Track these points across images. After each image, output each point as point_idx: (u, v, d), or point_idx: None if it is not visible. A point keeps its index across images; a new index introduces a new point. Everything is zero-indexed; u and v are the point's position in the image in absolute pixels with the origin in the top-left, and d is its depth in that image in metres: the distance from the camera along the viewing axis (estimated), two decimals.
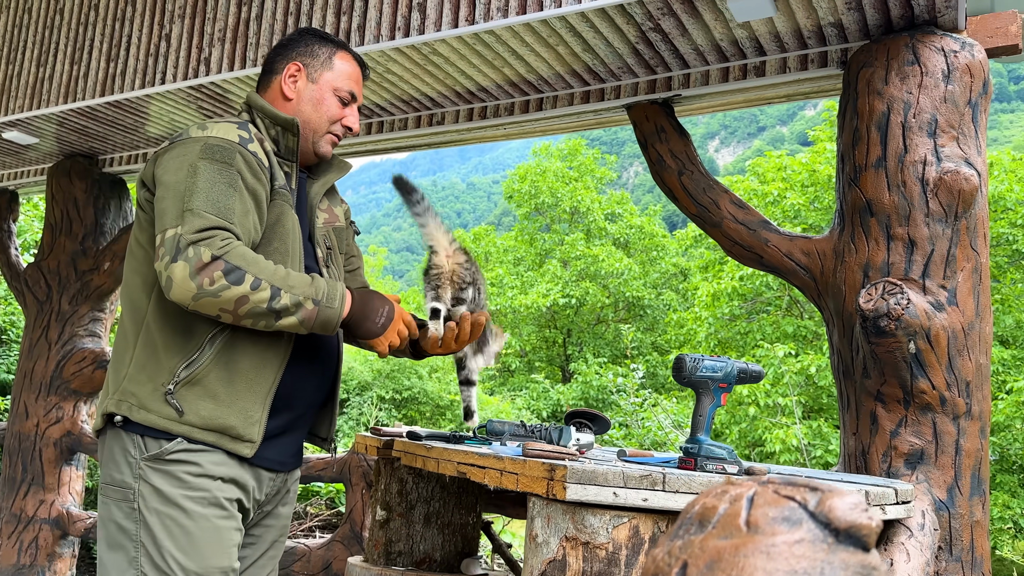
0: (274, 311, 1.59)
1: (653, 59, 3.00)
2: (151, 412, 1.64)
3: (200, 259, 1.54)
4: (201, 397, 1.65)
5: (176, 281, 1.53)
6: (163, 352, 1.67)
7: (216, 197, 1.61)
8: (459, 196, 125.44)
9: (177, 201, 1.60)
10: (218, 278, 1.54)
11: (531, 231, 23.23)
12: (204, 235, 1.56)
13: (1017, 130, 65.36)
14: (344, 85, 1.91)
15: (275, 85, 1.90)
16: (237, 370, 1.68)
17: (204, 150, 1.66)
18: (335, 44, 1.94)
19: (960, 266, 2.40)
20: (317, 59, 1.90)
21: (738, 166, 61.26)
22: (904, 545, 1.79)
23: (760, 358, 14.42)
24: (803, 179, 16.46)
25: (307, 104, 1.88)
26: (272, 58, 1.93)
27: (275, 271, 1.61)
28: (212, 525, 1.66)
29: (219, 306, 1.55)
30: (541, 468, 1.55)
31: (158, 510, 1.63)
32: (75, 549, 4.50)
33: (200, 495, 1.65)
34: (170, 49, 3.51)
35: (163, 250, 1.56)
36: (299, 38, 1.93)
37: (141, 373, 1.67)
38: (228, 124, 1.74)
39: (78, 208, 4.57)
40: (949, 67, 2.48)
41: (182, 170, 1.64)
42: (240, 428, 1.68)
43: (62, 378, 4.44)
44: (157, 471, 1.64)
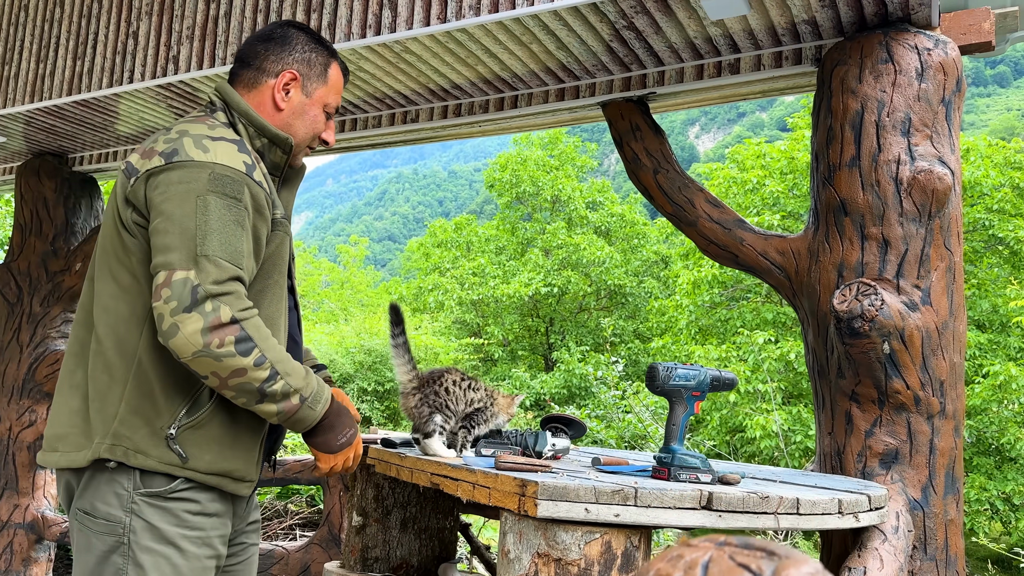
0: (262, 393, 1.53)
1: (627, 57, 2.98)
2: (150, 457, 1.57)
3: (218, 318, 1.47)
4: (205, 441, 1.60)
5: (185, 333, 1.46)
6: (161, 394, 1.58)
7: (228, 239, 1.53)
8: (440, 184, 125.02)
9: (187, 240, 1.50)
10: (228, 343, 1.47)
11: (513, 220, 23.18)
12: (223, 288, 1.49)
13: (993, 114, 65.98)
14: (333, 100, 1.84)
15: (265, 90, 1.76)
16: (239, 412, 1.64)
17: (213, 182, 1.55)
18: (328, 52, 1.85)
19: (934, 265, 2.40)
20: (313, 70, 1.79)
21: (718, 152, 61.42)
22: (878, 551, 1.79)
23: (740, 345, 14.49)
24: (782, 167, 16.52)
25: (297, 118, 1.79)
26: (260, 53, 1.78)
27: (280, 353, 1.55)
28: (201, 565, 1.63)
29: (213, 369, 1.49)
30: (513, 483, 1.53)
31: (151, 548, 1.57)
32: (51, 553, 4.45)
33: (196, 535, 1.62)
34: (138, 47, 3.44)
35: (169, 293, 1.47)
36: (294, 39, 1.80)
37: (135, 416, 1.57)
38: (229, 145, 1.62)
39: (48, 208, 4.49)
40: (923, 65, 2.48)
41: (188, 202, 1.53)
42: (243, 470, 1.66)
43: (35, 381, 4.37)
44: (154, 507, 1.58)
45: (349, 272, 27.05)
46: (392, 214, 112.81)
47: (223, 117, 1.73)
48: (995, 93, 77.00)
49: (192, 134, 1.62)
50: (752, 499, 1.51)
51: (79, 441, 1.60)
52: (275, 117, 1.77)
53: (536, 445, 2.20)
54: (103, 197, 4.81)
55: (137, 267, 1.59)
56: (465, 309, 20.74)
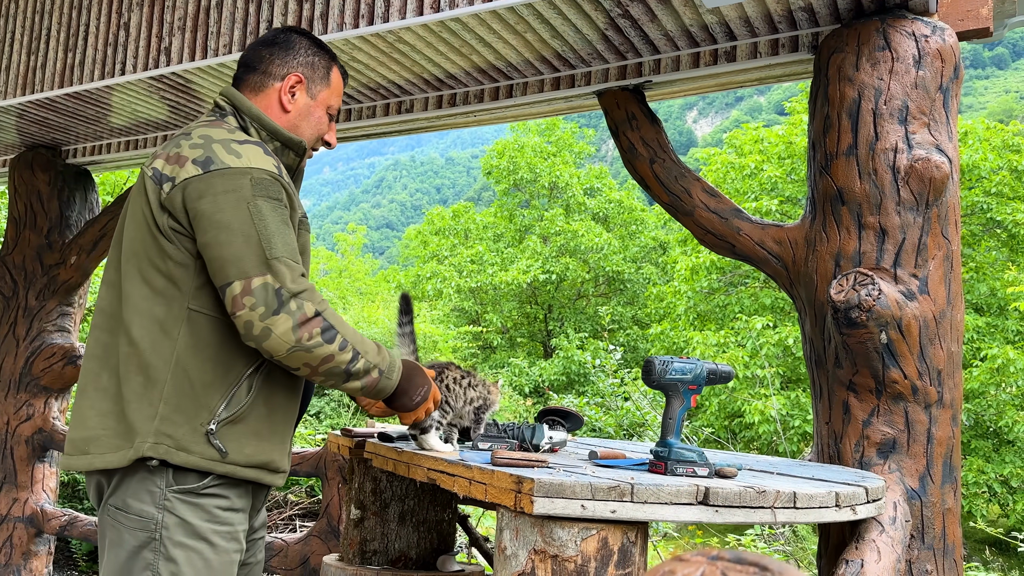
0: (348, 373, 1.64)
1: (623, 45, 2.95)
2: (192, 454, 1.61)
3: (304, 313, 1.56)
4: (245, 435, 1.66)
5: (277, 333, 1.54)
6: (201, 390, 1.63)
7: (285, 239, 1.61)
8: (438, 171, 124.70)
9: (254, 247, 1.57)
10: (315, 334, 1.57)
11: (510, 207, 23.15)
12: (301, 286, 1.58)
13: (992, 96, 65.81)
14: (336, 102, 1.91)
15: (271, 93, 1.83)
16: (275, 404, 1.71)
17: (256, 187, 1.62)
18: (330, 56, 1.92)
19: (931, 254, 2.39)
20: (316, 73, 1.87)
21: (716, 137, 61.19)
22: (876, 542, 1.79)
23: (738, 330, 14.51)
24: (780, 151, 16.48)
25: (303, 119, 1.86)
26: (265, 58, 1.84)
27: (355, 334, 1.66)
28: (230, 559, 1.68)
29: (305, 360, 1.58)
30: (509, 480, 1.52)
31: (183, 543, 1.62)
32: (51, 546, 4.46)
33: (226, 529, 1.67)
34: (129, 39, 3.41)
35: (253, 300, 1.54)
36: (297, 44, 1.87)
37: (177, 414, 1.61)
38: (256, 148, 1.68)
39: (42, 201, 4.47)
40: (920, 52, 2.46)
41: (241, 210, 1.59)
42: (278, 461, 1.73)
43: (32, 375, 4.37)
44: (187, 503, 1.63)
45: (347, 260, 27.01)
46: (390, 202, 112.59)
47: (234, 121, 1.77)
48: (993, 75, 76.79)
49: (218, 139, 1.67)
50: (749, 493, 1.51)
51: (115, 443, 1.62)
52: (282, 119, 1.83)
53: (533, 438, 2.20)
54: (97, 190, 4.78)
55: (174, 270, 1.64)
56: (463, 297, 20.74)
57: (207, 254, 1.60)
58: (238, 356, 1.66)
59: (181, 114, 3.93)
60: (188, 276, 1.64)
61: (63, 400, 4.51)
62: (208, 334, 1.65)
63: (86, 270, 4.43)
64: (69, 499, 5.43)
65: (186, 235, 1.63)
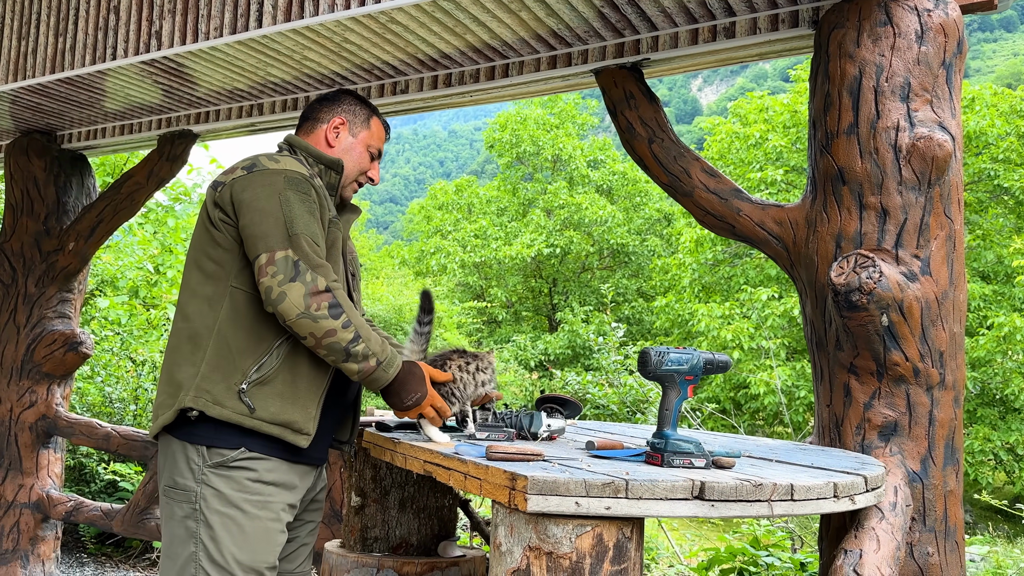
0: (347, 352, 1.87)
1: (620, 22, 2.90)
2: (226, 408, 1.87)
3: (316, 285, 1.83)
4: (270, 396, 1.91)
5: (291, 298, 1.81)
6: (237, 355, 1.90)
7: (307, 223, 1.91)
8: (441, 144, 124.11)
9: (280, 226, 1.87)
10: (323, 307, 1.83)
11: (514, 180, 23.02)
12: (317, 261, 1.87)
13: (1000, 60, 65.00)
14: (376, 143, 2.25)
15: (319, 132, 2.20)
16: (299, 373, 1.95)
17: (288, 182, 1.95)
18: (371, 108, 2.28)
19: (934, 234, 2.35)
20: (358, 118, 2.23)
21: (721, 105, 60.65)
22: (875, 530, 1.78)
23: (744, 302, 14.47)
24: (785, 120, 16.32)
25: (346, 154, 2.20)
26: (317, 108, 2.23)
27: (362, 323, 1.91)
28: (264, 526, 1.93)
29: (311, 330, 1.84)
30: (503, 476, 1.51)
31: (219, 511, 1.88)
32: (58, 531, 4.49)
33: (256, 498, 1.92)
34: (119, 22, 3.36)
35: (275, 268, 1.83)
36: (343, 97, 2.25)
37: (215, 372, 1.89)
38: (294, 160, 2.06)
39: (38, 187, 4.44)
40: (923, 27, 2.40)
41: (273, 198, 1.91)
42: (301, 422, 1.94)
43: (33, 361, 4.37)
44: (220, 476, 1.90)
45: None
46: (393, 175, 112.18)
47: (288, 153, 2.16)
48: (1001, 38, 75.78)
49: (263, 155, 2.06)
50: (745, 487, 1.49)
51: (168, 402, 1.93)
52: (328, 151, 2.19)
53: (531, 427, 2.19)
54: (94, 174, 4.75)
55: (223, 255, 1.95)
56: (468, 272, 20.71)
57: (244, 234, 1.91)
58: (270, 328, 1.92)
59: (175, 98, 3.89)
60: (232, 259, 1.95)
61: (66, 386, 4.52)
62: (245, 308, 1.93)
63: (85, 256, 4.41)
64: (76, 482, 5.46)
65: (231, 224, 1.94)
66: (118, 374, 6.21)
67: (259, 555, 1.92)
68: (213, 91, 3.78)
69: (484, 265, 20.66)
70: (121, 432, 4.21)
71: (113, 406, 5.90)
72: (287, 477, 1.98)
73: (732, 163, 17.23)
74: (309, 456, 2.05)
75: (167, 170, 4.20)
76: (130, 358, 6.29)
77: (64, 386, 4.49)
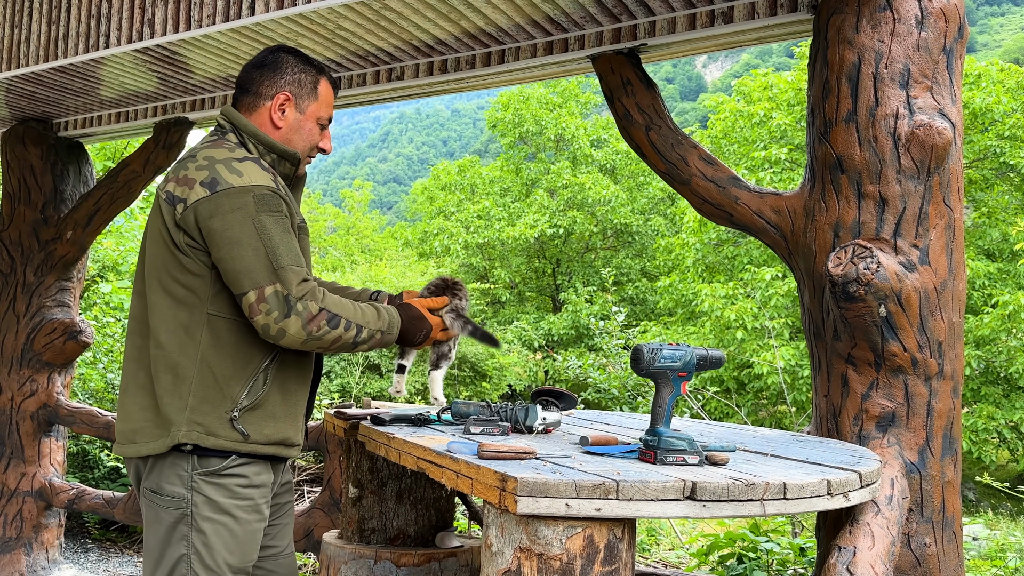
0: (355, 344, 1.94)
1: (616, 7, 2.86)
2: (220, 438, 1.88)
3: (309, 312, 1.84)
4: (263, 419, 1.93)
5: (291, 333, 1.82)
6: (223, 383, 1.88)
7: (290, 247, 1.86)
8: (444, 124, 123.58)
9: (262, 259, 1.82)
10: (323, 326, 1.85)
11: (516, 161, 22.90)
12: (304, 289, 1.85)
13: (1007, 34, 64.33)
14: (325, 113, 2.09)
15: (263, 112, 2.02)
16: (288, 390, 1.98)
17: (259, 203, 1.85)
18: (317, 69, 2.08)
19: (933, 223, 2.33)
20: (304, 88, 2.04)
21: (726, 82, 60.20)
22: (870, 526, 1.77)
23: (747, 281, 14.43)
24: (789, 98, 16.18)
25: (295, 132, 2.05)
26: (256, 79, 2.03)
27: (354, 310, 1.93)
28: (253, 528, 1.95)
29: (318, 347, 1.89)
30: (494, 476, 1.50)
31: (211, 518, 1.88)
32: (61, 519, 4.52)
33: (247, 504, 1.94)
34: (112, 10, 3.33)
35: (267, 306, 1.81)
36: (284, 64, 2.03)
37: (204, 404, 1.87)
38: (253, 164, 1.91)
39: (35, 175, 4.43)
40: (923, 12, 2.36)
41: (247, 226, 1.83)
42: (293, 437, 2.00)
43: (33, 351, 4.37)
44: (212, 484, 1.89)
45: (354, 217, 26.93)
46: (396, 155, 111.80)
47: (234, 138, 1.99)
48: (1009, 12, 74.93)
49: (220, 159, 1.89)
50: (737, 487, 1.48)
51: (154, 432, 1.89)
52: (275, 134, 2.02)
53: (527, 420, 2.18)
54: (91, 162, 4.73)
55: (194, 281, 1.88)
56: (471, 252, 20.67)
57: (222, 267, 1.85)
58: (254, 352, 1.91)
59: (170, 85, 3.86)
60: (205, 285, 1.88)
61: (66, 375, 4.53)
62: (227, 334, 1.89)
63: (83, 244, 4.41)
64: (79, 469, 5.49)
65: (201, 249, 1.86)
66: (120, 360, 6.23)
67: (247, 556, 1.96)
68: (208, 78, 3.75)
69: (487, 246, 20.62)
70: None
71: (115, 392, 5.91)
72: (268, 477, 2.01)
73: (736, 142, 17.12)
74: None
75: (163, 158, 4.18)
76: None
77: (65, 374, 4.50)
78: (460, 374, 15.10)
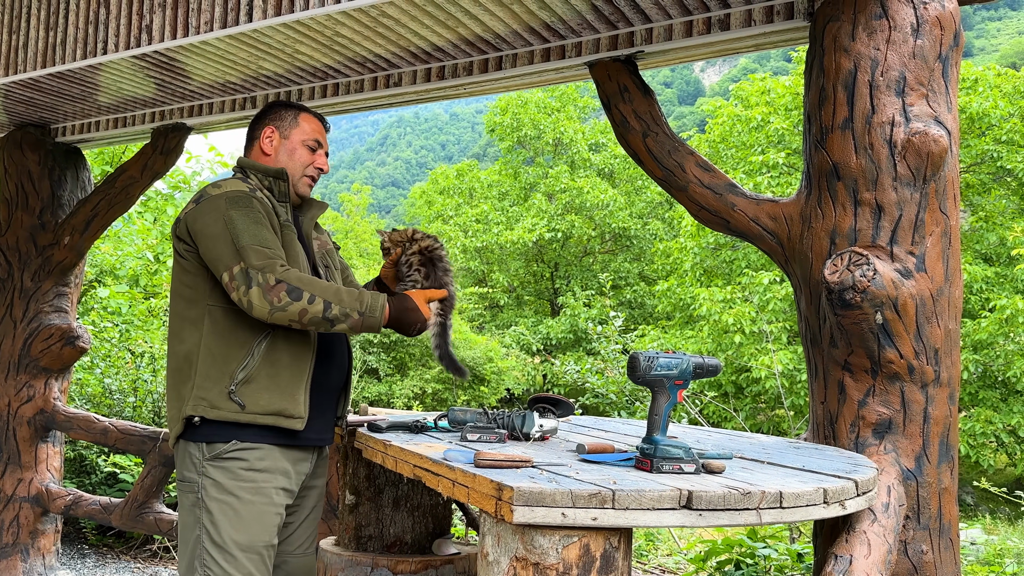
0: (327, 319, 2.06)
1: (613, 15, 2.86)
2: (221, 409, 2.09)
3: (268, 283, 2.02)
4: (258, 391, 2.11)
5: (255, 303, 2.01)
6: (222, 362, 2.11)
7: (253, 232, 2.09)
8: (442, 127, 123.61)
9: (229, 244, 2.06)
10: (283, 297, 2.01)
11: (515, 165, 22.92)
12: (263, 263, 2.04)
13: (1004, 39, 64.43)
14: (311, 136, 2.36)
15: (256, 147, 2.36)
16: (280, 365, 2.14)
17: (229, 201, 2.13)
18: (298, 108, 2.40)
19: (929, 231, 2.33)
20: (285, 120, 2.36)
21: (724, 86, 60.19)
22: (866, 534, 1.77)
23: (745, 285, 14.43)
24: (787, 103, 16.21)
25: (284, 156, 2.34)
26: (251, 127, 2.40)
27: (327, 287, 2.08)
28: (258, 509, 2.12)
29: (288, 319, 2.04)
30: (490, 485, 1.50)
31: (217, 498, 2.10)
32: (58, 525, 4.51)
33: (249, 485, 2.11)
34: (110, 16, 3.33)
35: (236, 283, 2.03)
36: (269, 109, 2.39)
37: (207, 381, 2.11)
38: (235, 180, 2.23)
39: (33, 181, 4.42)
40: (918, 20, 2.37)
41: (219, 222, 2.10)
42: (291, 408, 2.14)
43: (30, 356, 4.37)
44: (217, 467, 2.11)
45: (352, 221, 26.91)
46: (395, 159, 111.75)
47: (239, 174, 2.33)
48: (1006, 16, 75.07)
49: (211, 184, 2.24)
50: (733, 496, 1.48)
51: (176, 416, 2.17)
52: (267, 161, 2.35)
53: (523, 427, 2.18)
54: (89, 167, 4.73)
55: (194, 280, 2.17)
56: (470, 257, 20.67)
57: (206, 259, 2.12)
58: (248, 333, 2.13)
59: (168, 91, 3.86)
60: (203, 282, 2.16)
61: (63, 380, 4.52)
62: (223, 320, 2.14)
63: (80, 250, 4.40)
64: (77, 474, 5.48)
65: (194, 251, 2.16)
66: (118, 365, 6.22)
67: (255, 536, 2.11)
68: (206, 84, 3.75)
69: (486, 250, 20.62)
70: (119, 426, 4.22)
71: (112, 397, 5.91)
72: (278, 463, 2.17)
73: (734, 146, 17.14)
74: (304, 438, 2.22)
75: (161, 163, 4.18)
76: (129, 350, 6.29)
77: (62, 380, 4.50)
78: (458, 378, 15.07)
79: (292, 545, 2.35)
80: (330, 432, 2.36)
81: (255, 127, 2.39)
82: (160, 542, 5.14)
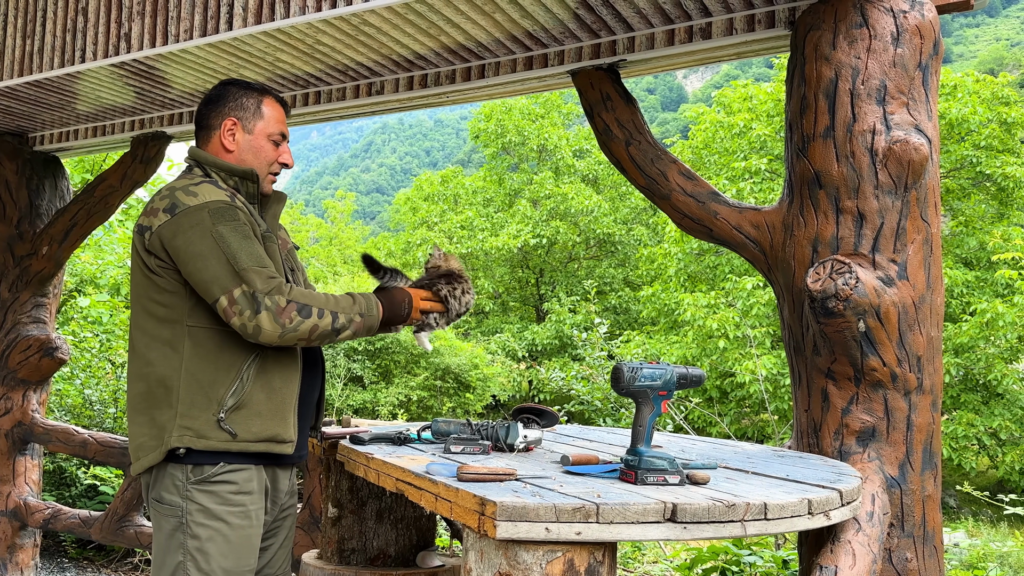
0: (335, 330, 2.01)
1: (595, 24, 2.86)
2: (210, 439, 1.97)
3: (278, 306, 1.93)
4: (248, 417, 2.01)
5: (265, 328, 1.91)
6: (208, 387, 1.98)
7: (248, 250, 1.97)
8: (427, 134, 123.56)
9: (224, 266, 1.93)
10: (294, 317, 1.94)
11: (499, 171, 22.94)
12: (269, 285, 1.94)
13: (982, 45, 65.21)
14: (275, 129, 2.21)
15: (215, 140, 2.17)
16: (273, 387, 2.05)
17: (214, 216, 1.98)
18: (259, 92, 2.21)
19: (911, 239, 2.34)
20: (247, 111, 2.18)
21: (706, 92, 60.49)
22: (851, 544, 1.77)
23: (729, 291, 14.49)
24: (769, 109, 16.31)
25: (248, 153, 2.18)
26: (206, 114, 2.19)
27: (326, 299, 2.02)
28: (246, 534, 2.03)
29: (298, 337, 1.96)
30: (473, 500, 1.49)
31: (205, 524, 1.98)
32: (37, 538, 4.44)
33: (238, 509, 2.02)
34: (88, 24, 3.30)
35: (237, 307, 1.91)
36: (227, 93, 2.19)
37: (192, 409, 1.98)
38: (208, 185, 2.05)
39: (10, 190, 4.37)
40: (898, 28, 2.38)
41: (207, 239, 1.95)
42: (282, 433, 2.06)
43: (8, 368, 4.31)
44: (203, 492, 1.98)
45: (336, 228, 26.85)
46: (379, 165, 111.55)
47: (198, 171, 2.15)
48: (984, 23, 75.99)
49: (179, 187, 2.05)
50: (718, 508, 1.47)
51: (152, 444, 2.01)
52: (228, 157, 2.16)
53: (508, 438, 2.17)
54: (68, 176, 4.68)
55: (170, 299, 2.02)
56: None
57: (192, 281, 1.97)
58: (235, 355, 2.00)
59: (148, 100, 3.82)
60: (181, 301, 2.01)
61: (42, 392, 4.46)
62: (207, 342, 2.00)
63: (59, 260, 4.35)
64: (56, 487, 5.41)
65: (171, 268, 2.00)
66: (98, 375, 6.15)
67: (242, 561, 2.03)
68: (186, 93, 3.72)
69: (471, 256, 20.60)
70: (98, 439, 4.16)
71: (93, 408, 5.84)
72: (263, 483, 2.09)
73: (717, 152, 17.22)
74: (290, 459, 2.15)
75: (141, 172, 4.14)
76: (109, 360, 6.22)
77: (40, 392, 4.44)
78: (444, 385, 15.04)
79: (274, 568, 2.29)
80: (307, 446, 2.28)
81: (211, 116, 2.18)
82: (141, 555, 5.07)
